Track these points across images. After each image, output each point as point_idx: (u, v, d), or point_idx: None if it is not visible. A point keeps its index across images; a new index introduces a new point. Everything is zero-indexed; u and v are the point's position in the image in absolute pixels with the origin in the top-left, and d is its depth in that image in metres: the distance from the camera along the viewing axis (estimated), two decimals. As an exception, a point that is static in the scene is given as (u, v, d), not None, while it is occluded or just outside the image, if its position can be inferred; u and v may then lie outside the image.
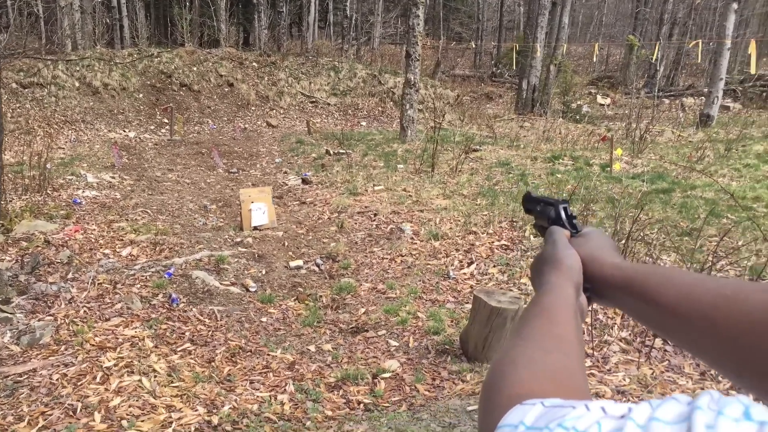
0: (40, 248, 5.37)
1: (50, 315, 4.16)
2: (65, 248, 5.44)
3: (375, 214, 7.10)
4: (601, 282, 0.72)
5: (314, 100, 17.59)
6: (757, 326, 0.52)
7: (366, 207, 7.44)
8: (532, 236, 6.06)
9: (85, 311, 4.28)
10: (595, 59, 22.43)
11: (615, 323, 4.33)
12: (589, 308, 0.77)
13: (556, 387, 0.46)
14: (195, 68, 16.50)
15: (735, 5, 13.91)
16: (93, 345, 3.82)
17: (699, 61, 20.85)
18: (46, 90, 13.16)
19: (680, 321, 0.61)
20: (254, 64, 17.89)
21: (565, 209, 0.84)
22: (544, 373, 0.51)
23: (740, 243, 5.44)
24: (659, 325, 0.68)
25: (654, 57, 17.19)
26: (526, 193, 0.93)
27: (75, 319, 4.13)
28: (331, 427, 3.16)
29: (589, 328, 4.24)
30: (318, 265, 5.72)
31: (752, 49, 13.28)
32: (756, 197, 7.26)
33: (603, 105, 21.10)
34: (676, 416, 0.32)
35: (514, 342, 0.58)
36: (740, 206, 6.19)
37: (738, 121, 14.57)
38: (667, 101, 20.24)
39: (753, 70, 14.88)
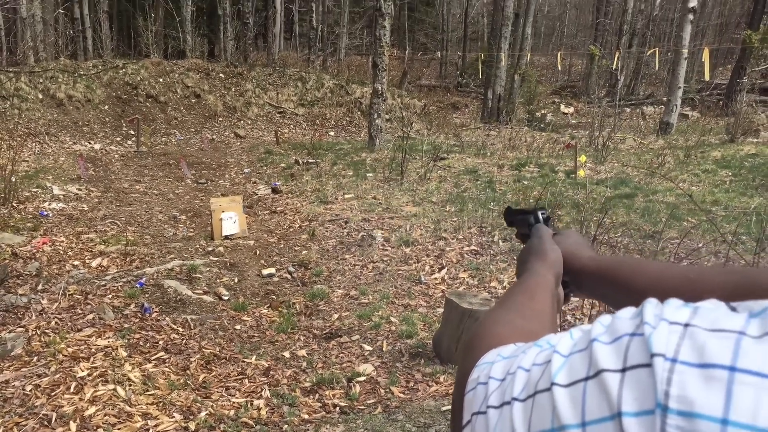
0: (7, 261, 5.30)
1: (21, 326, 4.12)
2: (34, 260, 5.38)
3: (346, 222, 7.16)
4: (579, 273, 0.81)
5: (282, 110, 17.59)
6: None
7: (337, 215, 7.50)
8: (500, 242, 6.19)
9: (56, 322, 4.24)
10: (559, 67, 22.87)
11: (583, 324, 4.45)
12: (566, 303, 0.87)
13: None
14: (161, 79, 16.38)
15: (691, 16, 14.37)
16: (66, 355, 3.80)
17: (657, 69, 21.43)
18: (8, 102, 12.93)
19: None
20: (221, 75, 17.83)
21: (542, 214, 0.95)
22: (521, 332, 0.59)
23: (700, 244, 5.64)
24: None
25: (614, 65, 17.63)
26: (506, 208, 1.04)
27: (46, 330, 4.09)
28: (308, 430, 3.20)
29: (558, 329, 4.35)
30: (290, 273, 5.75)
31: (706, 57, 13.78)
32: (714, 201, 7.52)
33: (566, 114, 21.52)
34: (632, 313, 0.41)
35: (497, 309, 0.66)
36: (701, 209, 6.40)
37: (696, 129, 15.02)
38: (628, 110, 20.74)
39: (707, 77, 15.44)
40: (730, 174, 9.10)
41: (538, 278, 0.75)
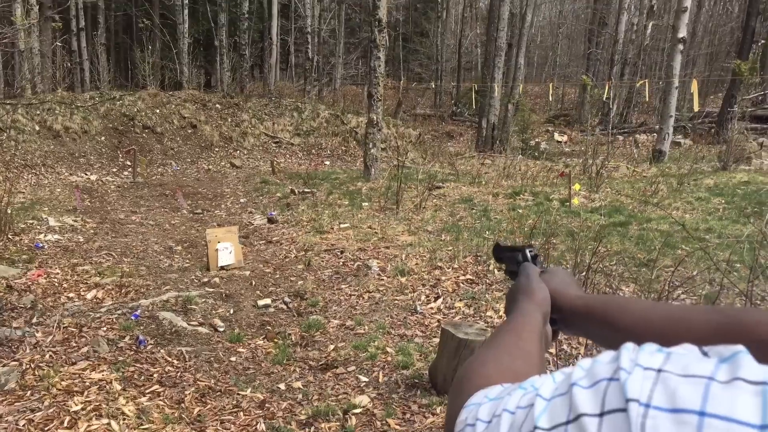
0: (2, 293, 5.28)
1: (15, 360, 4.10)
2: (28, 293, 5.36)
3: (341, 252, 7.17)
4: (567, 312, 0.83)
5: (278, 140, 17.70)
6: (701, 341, 0.63)
7: (332, 245, 7.51)
8: (496, 270, 6.20)
9: (50, 355, 4.22)
10: (551, 98, 23.13)
11: (579, 353, 4.46)
12: (554, 341, 0.88)
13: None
14: (158, 110, 16.49)
15: (681, 46, 14.60)
16: (59, 389, 3.77)
17: (647, 99, 21.68)
18: (5, 134, 12.98)
19: (637, 341, 0.72)
20: (217, 105, 17.96)
21: (530, 251, 0.97)
22: (508, 372, 0.61)
23: (694, 272, 5.66)
24: (618, 346, 0.79)
25: (605, 96, 17.85)
26: (495, 245, 1.06)
27: (41, 364, 4.07)
28: (304, 463, 3.18)
29: (555, 358, 4.35)
30: (286, 303, 5.74)
31: (694, 88, 13.99)
32: (708, 228, 7.56)
33: (560, 142, 21.69)
34: (611, 357, 0.43)
35: (485, 349, 0.68)
36: (693, 237, 6.44)
37: (689, 156, 15.15)
38: (621, 138, 20.91)
39: (695, 107, 15.67)
40: (723, 202, 9.17)
41: (525, 318, 0.77)
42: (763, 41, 19.76)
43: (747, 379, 0.36)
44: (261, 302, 5.73)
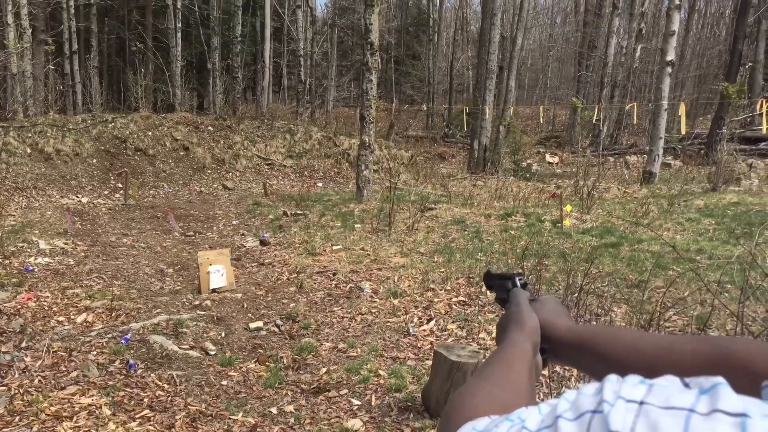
0: (-10, 317, 5.24)
1: (3, 385, 4.05)
2: (18, 317, 5.32)
3: (334, 274, 7.16)
4: (557, 343, 0.83)
5: (270, 162, 17.73)
6: (690, 371, 0.64)
7: (325, 267, 7.49)
8: (488, 292, 6.19)
9: (39, 380, 4.17)
10: (542, 120, 23.33)
11: (572, 375, 4.44)
12: (544, 369, 0.89)
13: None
14: (150, 133, 16.51)
15: (669, 69, 14.79)
16: (48, 415, 3.72)
17: (635, 122, 21.89)
18: (-4, 156, 12.95)
19: (627, 372, 0.73)
20: (210, 127, 18.00)
21: (519, 279, 0.98)
22: (497, 404, 0.61)
23: (686, 293, 5.67)
24: None
25: (594, 118, 18.01)
26: (486, 272, 1.07)
27: (29, 389, 4.02)
28: (296, 488, 3.14)
29: (548, 380, 4.34)
30: (278, 326, 5.71)
31: (682, 111, 14.17)
32: (699, 249, 7.59)
33: (551, 163, 21.84)
34: (594, 390, 0.44)
35: (475, 380, 0.69)
36: (684, 258, 6.47)
37: (679, 178, 15.26)
38: (611, 159, 21.07)
39: (683, 131, 15.84)
40: (713, 222, 9.22)
41: (515, 348, 0.77)
42: (750, 64, 20.08)
43: (726, 411, 0.37)
44: (253, 325, 5.70)
